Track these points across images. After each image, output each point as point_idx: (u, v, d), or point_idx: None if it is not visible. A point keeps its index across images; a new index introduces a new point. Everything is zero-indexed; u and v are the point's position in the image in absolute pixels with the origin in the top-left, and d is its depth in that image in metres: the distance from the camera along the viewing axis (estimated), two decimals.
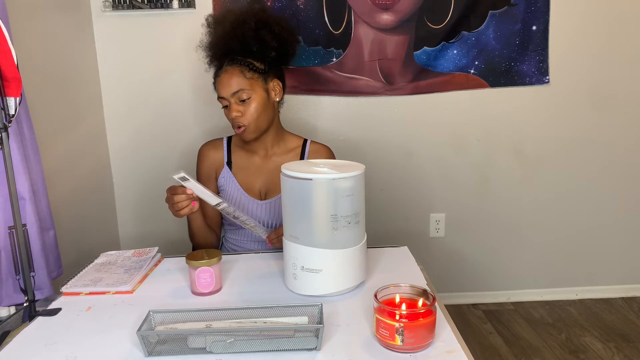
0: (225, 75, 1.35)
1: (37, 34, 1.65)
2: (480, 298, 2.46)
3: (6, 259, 1.27)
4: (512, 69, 2.20)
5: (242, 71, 1.35)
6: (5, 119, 1.02)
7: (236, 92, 1.34)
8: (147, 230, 2.29)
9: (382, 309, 0.83)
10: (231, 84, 1.34)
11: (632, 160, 2.35)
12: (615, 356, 1.98)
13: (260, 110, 1.36)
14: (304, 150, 1.48)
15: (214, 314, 0.90)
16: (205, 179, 1.48)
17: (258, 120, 1.37)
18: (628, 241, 2.44)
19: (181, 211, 1.19)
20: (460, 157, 2.31)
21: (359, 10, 2.12)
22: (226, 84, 1.34)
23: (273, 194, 1.45)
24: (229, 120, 1.38)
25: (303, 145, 1.48)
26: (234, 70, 1.35)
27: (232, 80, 1.34)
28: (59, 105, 1.77)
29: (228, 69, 1.35)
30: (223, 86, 1.35)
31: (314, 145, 1.49)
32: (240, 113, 1.34)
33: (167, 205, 1.21)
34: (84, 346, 0.88)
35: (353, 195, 1.00)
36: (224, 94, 1.35)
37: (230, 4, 2.07)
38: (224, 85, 1.35)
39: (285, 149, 1.47)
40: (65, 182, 1.78)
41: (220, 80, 1.36)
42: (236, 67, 1.35)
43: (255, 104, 1.35)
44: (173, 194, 1.18)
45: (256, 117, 1.36)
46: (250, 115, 1.35)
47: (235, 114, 1.34)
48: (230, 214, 1.22)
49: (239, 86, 1.34)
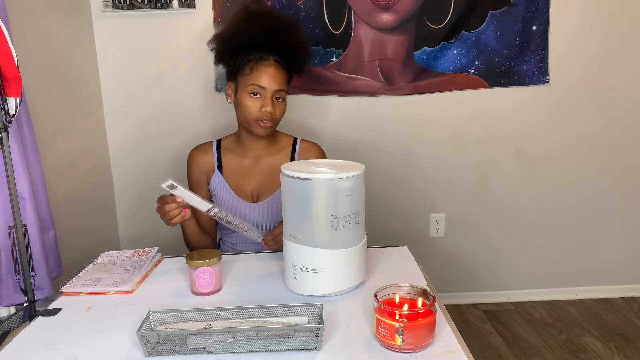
0: (274, 69, 1.35)
1: (37, 34, 1.65)
2: (480, 298, 2.46)
3: (6, 259, 1.27)
4: (512, 69, 2.20)
5: (285, 75, 1.39)
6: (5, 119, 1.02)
7: (279, 91, 1.36)
8: (147, 230, 2.29)
9: (382, 309, 0.83)
10: (278, 81, 1.35)
11: (632, 160, 2.35)
12: (615, 356, 1.97)
13: (283, 115, 1.41)
14: (294, 149, 1.48)
15: (214, 314, 0.90)
16: (197, 184, 1.47)
17: (279, 122, 1.41)
18: (628, 241, 2.44)
19: (173, 220, 1.19)
20: (460, 157, 2.31)
21: (359, 10, 2.12)
22: (273, 78, 1.34)
23: (265, 196, 1.44)
24: (253, 113, 1.35)
25: (293, 144, 1.49)
26: (282, 70, 1.37)
27: (278, 77, 1.35)
28: (59, 105, 1.77)
29: (277, 65, 1.36)
30: (271, 77, 1.34)
31: (304, 144, 1.50)
32: (274, 111, 1.36)
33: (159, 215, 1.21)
34: (84, 346, 0.88)
35: (353, 195, 1.00)
36: (269, 85, 1.34)
37: (230, 4, 2.08)
38: (271, 77, 1.34)
39: (276, 149, 1.48)
40: (65, 182, 1.78)
41: (268, 71, 1.34)
42: (283, 69, 1.38)
43: (284, 107, 1.40)
44: (163, 204, 1.18)
45: (280, 119, 1.40)
46: (279, 116, 1.38)
47: (270, 109, 1.34)
48: (223, 218, 1.22)
49: (282, 86, 1.36)
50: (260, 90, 1.34)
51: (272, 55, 1.36)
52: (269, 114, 1.34)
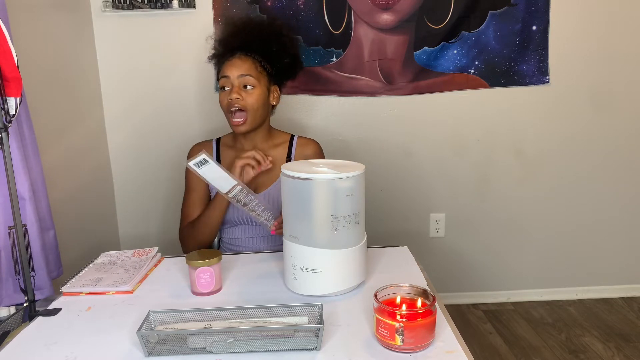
0: (237, 60, 1.37)
1: (37, 34, 1.65)
2: (480, 298, 2.46)
3: (6, 259, 1.27)
4: (512, 69, 2.20)
5: (254, 62, 1.39)
6: (5, 119, 1.02)
7: (244, 75, 1.36)
8: (147, 230, 2.29)
9: (382, 309, 0.83)
10: (243, 67, 1.36)
11: (632, 160, 2.35)
12: (615, 356, 1.97)
13: (259, 103, 1.38)
14: (292, 144, 1.49)
15: (214, 314, 0.89)
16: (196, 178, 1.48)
17: (256, 112, 1.38)
18: (628, 241, 2.44)
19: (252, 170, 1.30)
20: (460, 157, 2.31)
21: (359, 10, 2.12)
22: (236, 65, 1.36)
23: (263, 188, 1.45)
24: (224, 106, 1.37)
25: (290, 140, 1.50)
26: (247, 59, 1.38)
27: (243, 64, 1.36)
28: (59, 105, 1.77)
29: (242, 56, 1.38)
30: (232, 66, 1.36)
31: (302, 139, 1.50)
32: (241, 97, 1.35)
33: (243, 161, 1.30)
34: (84, 346, 0.88)
35: (353, 195, 1.00)
36: (231, 73, 1.36)
37: (230, 4, 2.08)
38: (234, 65, 1.36)
39: (272, 144, 1.48)
40: (65, 182, 1.78)
41: (230, 62, 1.37)
42: (249, 57, 1.39)
43: (255, 95, 1.37)
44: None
45: (255, 107, 1.37)
46: (250, 104, 1.36)
47: (235, 96, 1.34)
48: (242, 200, 1.20)
49: (249, 71, 1.36)
50: (226, 81, 1.37)
51: (240, 51, 1.39)
52: (234, 99, 1.34)
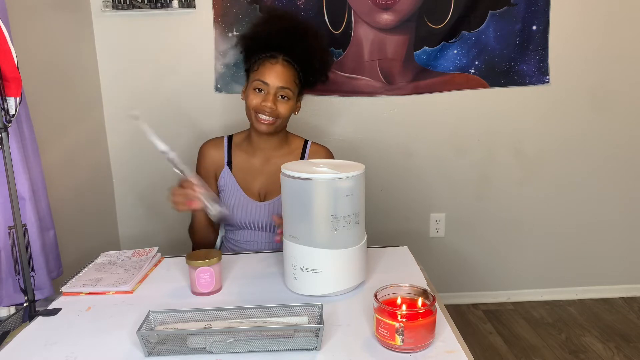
0: (280, 67, 1.35)
1: (37, 34, 1.65)
2: (480, 298, 2.46)
3: (6, 259, 1.27)
4: (512, 69, 2.20)
5: (295, 74, 1.38)
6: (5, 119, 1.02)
7: (284, 88, 1.36)
8: (147, 230, 2.29)
9: (382, 309, 0.83)
10: (284, 78, 1.35)
11: (632, 160, 2.35)
12: (615, 356, 1.98)
13: (288, 115, 1.40)
14: (304, 151, 1.49)
15: (214, 314, 0.90)
16: (205, 177, 1.48)
17: (283, 122, 1.41)
18: (628, 241, 2.44)
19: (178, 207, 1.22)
20: (460, 157, 2.31)
21: (359, 10, 2.12)
22: (280, 75, 1.35)
23: (272, 196, 1.45)
24: (254, 107, 1.36)
25: (304, 146, 1.50)
26: (290, 68, 1.37)
27: (286, 75, 1.36)
28: (59, 105, 1.77)
29: (285, 64, 1.36)
30: (276, 74, 1.35)
31: (314, 147, 1.50)
32: (275, 107, 1.36)
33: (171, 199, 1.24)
34: (84, 346, 0.88)
35: (353, 195, 1.00)
36: (273, 82, 1.35)
37: (230, 4, 2.07)
38: (277, 73, 1.35)
39: (286, 151, 1.48)
40: (65, 182, 1.78)
41: (274, 68, 1.35)
42: (292, 67, 1.38)
43: (288, 107, 1.38)
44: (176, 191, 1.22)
45: (283, 118, 1.39)
46: (281, 114, 1.37)
47: (270, 105, 1.35)
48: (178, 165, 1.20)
49: (288, 84, 1.36)
50: (263, 86, 1.36)
51: (283, 55, 1.37)
52: (268, 108, 1.35)
